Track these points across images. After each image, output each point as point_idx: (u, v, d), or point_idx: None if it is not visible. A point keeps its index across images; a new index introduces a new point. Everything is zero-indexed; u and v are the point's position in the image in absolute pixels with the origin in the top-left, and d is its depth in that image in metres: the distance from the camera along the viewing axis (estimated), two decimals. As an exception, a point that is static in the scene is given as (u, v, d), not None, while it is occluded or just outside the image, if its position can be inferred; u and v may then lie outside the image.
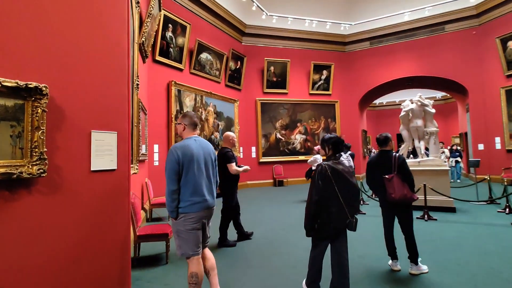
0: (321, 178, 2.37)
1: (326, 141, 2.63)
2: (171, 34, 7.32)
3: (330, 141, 2.59)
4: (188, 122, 2.43)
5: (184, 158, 2.23)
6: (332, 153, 2.56)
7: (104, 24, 2.03)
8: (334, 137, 2.61)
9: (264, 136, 10.89)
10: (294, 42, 11.27)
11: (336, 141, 2.58)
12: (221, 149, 4.25)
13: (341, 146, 2.59)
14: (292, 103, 11.23)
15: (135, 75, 4.06)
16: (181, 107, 7.76)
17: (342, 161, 2.54)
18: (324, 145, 2.64)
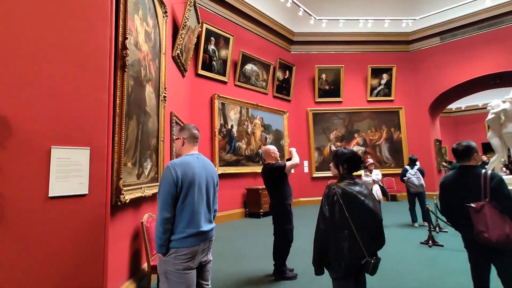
0: (329, 203, 1.90)
1: (338, 157, 2.11)
2: (213, 47, 7.18)
3: (344, 158, 2.09)
4: (187, 135, 1.94)
5: (184, 179, 1.73)
6: (347, 172, 2.08)
7: (75, 19, 1.68)
8: (348, 152, 2.11)
9: (317, 149, 10.01)
10: (348, 46, 10.31)
11: (351, 157, 2.09)
12: (265, 165, 3.70)
13: (358, 164, 2.11)
14: (347, 112, 10.17)
15: (162, 87, 3.82)
16: (225, 121, 7.49)
17: (360, 182, 2.06)
18: (336, 162, 2.11)
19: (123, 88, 2.45)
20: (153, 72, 3.50)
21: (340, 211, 1.86)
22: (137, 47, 2.94)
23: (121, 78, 2.44)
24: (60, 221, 1.50)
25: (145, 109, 3.21)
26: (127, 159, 2.65)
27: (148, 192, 3.11)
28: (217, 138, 7.14)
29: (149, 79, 3.37)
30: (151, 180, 3.38)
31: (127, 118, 2.66)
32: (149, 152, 3.33)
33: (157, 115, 3.67)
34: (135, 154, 2.87)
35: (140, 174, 3.01)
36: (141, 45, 3.08)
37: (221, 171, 7.12)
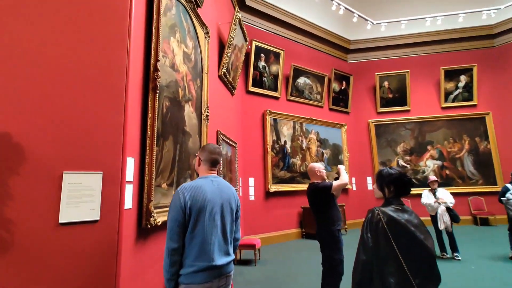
0: (372, 230, 1.63)
1: (384, 178, 1.80)
2: (263, 63, 7.16)
3: (390, 179, 1.77)
4: (204, 157, 1.78)
5: (193, 205, 1.56)
6: (393, 195, 1.77)
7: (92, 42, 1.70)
8: (395, 173, 1.78)
9: (382, 164, 9.03)
10: (413, 49, 9.27)
11: (399, 178, 1.76)
12: (310, 185, 3.37)
13: (408, 187, 1.78)
14: (417, 122, 9.00)
15: (204, 106, 3.83)
16: (278, 137, 7.29)
17: (409, 209, 1.75)
18: (381, 184, 1.81)
19: (155, 110, 2.45)
20: (193, 92, 3.53)
21: (386, 241, 1.59)
22: (174, 68, 2.98)
23: (152, 100, 2.46)
24: (70, 249, 1.46)
25: (184, 129, 3.21)
26: (161, 180, 2.62)
27: (187, 213, 3.04)
28: (269, 154, 6.96)
29: (189, 99, 3.39)
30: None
31: (162, 139, 2.66)
32: (189, 172, 3.30)
33: (199, 134, 3.66)
34: (172, 175, 2.85)
35: (178, 195, 2.96)
36: (179, 66, 3.12)
37: (274, 188, 6.87)
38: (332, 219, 3.03)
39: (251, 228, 6.35)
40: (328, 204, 3.07)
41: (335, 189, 3.03)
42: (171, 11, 2.98)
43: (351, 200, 8.61)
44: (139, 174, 2.31)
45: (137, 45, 2.39)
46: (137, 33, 2.40)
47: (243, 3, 6.93)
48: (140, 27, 2.46)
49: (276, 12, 7.56)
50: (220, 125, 4.86)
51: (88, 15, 1.71)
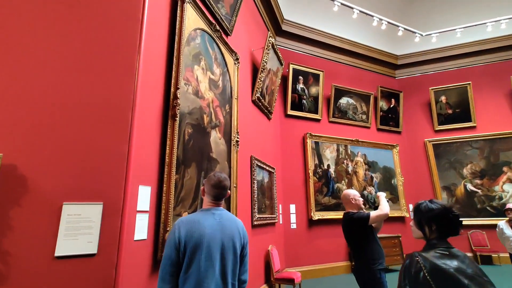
0: (411, 281, 1.31)
1: (423, 214, 1.45)
2: (302, 85, 7.02)
3: (430, 215, 1.42)
4: (208, 187, 1.64)
5: (188, 241, 1.41)
6: (437, 236, 1.41)
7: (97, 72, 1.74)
8: (438, 208, 1.41)
9: (445, 189, 7.92)
10: (473, 58, 8.27)
11: (442, 214, 1.40)
12: (344, 215, 3.02)
13: (456, 225, 1.42)
14: (486, 140, 7.80)
15: (234, 132, 3.77)
16: (320, 161, 6.91)
17: (460, 253, 1.37)
18: (419, 220, 1.46)
19: (173, 137, 2.44)
20: (221, 117, 3.51)
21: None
22: (198, 95, 2.99)
23: (172, 127, 2.45)
24: (65, 284, 1.40)
25: (210, 155, 3.16)
26: (181, 208, 2.55)
27: (212, 244, 2.89)
28: (311, 179, 6.59)
29: (216, 125, 3.37)
30: (219, 229, 3.17)
31: (183, 166, 2.62)
32: (216, 199, 3.19)
33: (228, 160, 3.58)
34: (195, 203, 2.76)
35: (202, 224, 2.85)
36: (204, 93, 3.13)
37: (318, 216, 6.40)
38: (372, 256, 2.60)
39: (292, 259, 5.92)
40: (367, 238, 2.66)
41: (374, 220, 2.62)
42: (195, 41, 3.05)
43: (409, 230, 7.59)
44: (156, 203, 2.27)
45: (158, 75, 2.45)
46: (158, 63, 2.47)
47: (278, 28, 7.01)
48: (161, 58, 2.54)
49: (313, 34, 7.47)
50: (255, 150, 4.75)
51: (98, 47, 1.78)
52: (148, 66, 2.31)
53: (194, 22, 3.02)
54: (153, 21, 2.44)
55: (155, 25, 2.46)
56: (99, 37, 1.82)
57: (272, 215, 5.24)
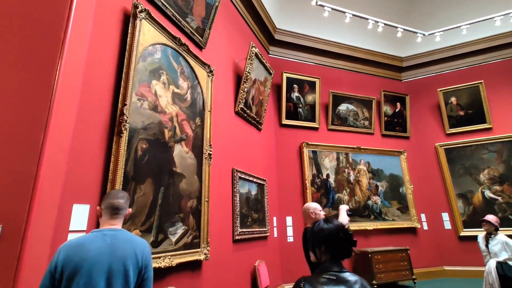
0: None
1: (315, 236, 1.36)
2: (297, 94, 6.87)
3: (321, 236, 1.34)
4: (104, 204, 1.57)
5: (65, 267, 1.30)
6: (329, 258, 1.30)
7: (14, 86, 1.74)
8: (329, 228, 1.33)
9: (460, 197, 7.32)
10: (484, 56, 7.74)
11: (332, 235, 1.32)
12: (304, 230, 2.87)
13: (348, 245, 1.33)
14: (504, 142, 7.17)
15: (206, 145, 3.70)
16: (318, 170, 6.66)
17: (352, 279, 1.22)
18: (313, 243, 1.36)
19: (118, 153, 2.41)
20: (188, 131, 3.46)
21: None
22: (156, 110, 2.97)
23: (117, 143, 2.43)
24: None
25: (173, 170, 3.10)
26: (131, 226, 2.49)
27: (174, 262, 2.80)
28: (309, 190, 6.34)
29: (182, 139, 3.32)
30: (185, 246, 3.08)
31: (133, 183, 2.57)
32: (180, 215, 3.12)
33: (198, 174, 3.51)
34: (150, 220, 2.70)
35: (160, 242, 2.77)
36: (165, 107, 3.11)
37: (317, 229, 6.11)
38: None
39: (290, 274, 5.65)
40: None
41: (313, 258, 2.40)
42: (153, 56, 3.06)
43: (422, 242, 7.07)
44: (96, 221, 2.23)
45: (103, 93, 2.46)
46: (104, 82, 2.48)
47: (271, 37, 6.97)
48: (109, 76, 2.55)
49: (308, 41, 7.36)
50: (238, 163, 4.65)
51: (15, 64, 1.80)
52: (90, 85, 2.32)
53: (152, 38, 3.04)
54: (98, 39, 2.47)
55: (100, 42, 2.49)
56: (16, 53, 1.84)
57: (262, 229, 5.06)
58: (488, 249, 3.85)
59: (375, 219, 6.79)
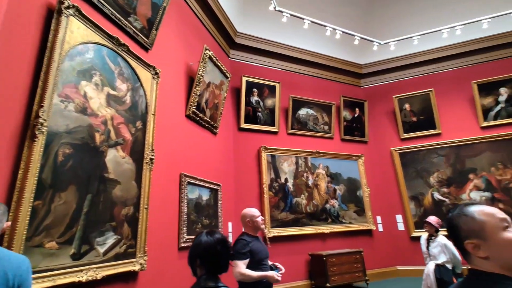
0: None
1: (193, 248, 1.31)
2: (256, 98, 6.87)
3: (198, 250, 1.29)
4: None
5: None
6: (206, 273, 1.26)
7: None
8: (206, 241, 1.28)
9: (413, 199, 7.67)
10: (435, 65, 8.19)
11: (210, 248, 1.25)
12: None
13: (223, 260, 1.26)
14: (451, 147, 7.62)
15: (148, 149, 3.57)
16: (276, 175, 6.68)
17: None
18: (191, 256, 1.32)
19: (30, 160, 2.22)
20: (127, 135, 3.31)
21: None
22: (85, 113, 2.80)
23: (29, 149, 2.25)
24: None
25: (104, 176, 2.94)
26: (45, 238, 2.31)
27: (100, 274, 2.64)
28: (266, 195, 6.34)
29: (118, 143, 3.16)
30: (116, 257, 2.92)
31: (51, 190, 2.39)
32: (112, 224, 2.95)
33: (136, 180, 3.36)
34: (71, 230, 2.52)
35: (84, 253, 2.60)
36: (97, 110, 2.95)
37: (274, 233, 6.12)
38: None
39: (245, 280, 5.58)
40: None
41: (235, 274, 2.39)
42: (84, 55, 2.89)
43: (377, 243, 7.30)
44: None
45: (18, 94, 2.28)
46: (21, 82, 2.31)
47: (232, 41, 6.93)
48: (27, 75, 2.37)
49: (269, 46, 7.40)
50: (188, 167, 4.53)
51: None
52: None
53: (83, 36, 2.87)
54: (13, 36, 2.28)
55: (15, 39, 2.30)
56: None
57: (215, 235, 4.95)
58: (429, 251, 4.00)
59: (333, 222, 6.92)
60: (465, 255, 1.01)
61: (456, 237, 1.02)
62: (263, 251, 2.65)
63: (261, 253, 2.60)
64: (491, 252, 0.93)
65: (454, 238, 1.04)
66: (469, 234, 0.97)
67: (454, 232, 1.03)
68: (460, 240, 1.00)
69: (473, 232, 0.96)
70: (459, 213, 1.03)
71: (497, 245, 0.92)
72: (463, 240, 0.99)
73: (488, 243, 0.94)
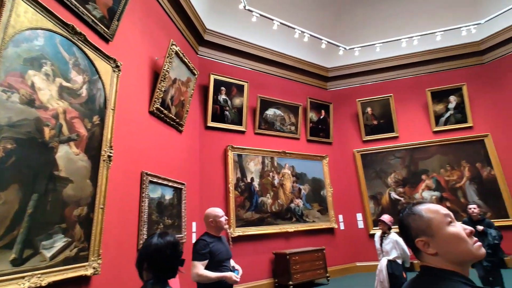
0: None
1: (140, 251, 1.27)
2: (224, 96, 6.80)
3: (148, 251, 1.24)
4: None
5: None
6: (153, 277, 1.20)
7: None
8: (156, 243, 1.21)
9: (372, 198, 8.08)
10: (395, 72, 8.71)
11: (158, 252, 1.18)
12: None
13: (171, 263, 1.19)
14: (407, 149, 8.14)
15: (106, 146, 3.37)
16: (243, 174, 6.67)
17: None
18: (136, 260, 1.28)
19: (-37, 154, 1.99)
20: (81, 130, 3.09)
21: None
22: (32, 105, 2.57)
23: (-39, 143, 2.01)
24: None
25: (54, 174, 2.72)
26: (-21, 242, 2.07)
27: (45, 281, 2.43)
28: (232, 194, 6.30)
29: (71, 139, 2.94)
30: (65, 261, 2.71)
31: (-12, 190, 2.16)
32: (62, 225, 2.74)
33: (91, 178, 3.15)
34: (12, 233, 2.29)
35: (27, 258, 2.38)
36: (47, 102, 2.71)
37: (239, 232, 6.10)
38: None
39: None
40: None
41: (192, 276, 2.36)
42: (32, 42, 2.64)
43: (338, 241, 7.59)
44: None
45: None
46: None
47: (201, 38, 6.79)
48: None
49: (238, 45, 7.37)
50: (151, 165, 4.36)
51: None
52: None
53: (31, 21, 2.63)
54: None
55: None
56: None
57: (177, 235, 4.82)
58: (382, 247, 4.22)
59: (297, 221, 7.06)
60: (417, 253, 1.04)
61: (408, 236, 1.04)
62: (224, 252, 2.61)
63: (221, 254, 2.55)
64: (439, 248, 0.96)
65: (406, 237, 1.06)
66: (418, 232, 1.00)
67: (405, 231, 1.05)
68: (411, 239, 1.02)
69: (422, 230, 1.00)
70: (408, 213, 1.06)
71: (443, 241, 0.96)
72: (414, 238, 1.02)
73: (436, 239, 0.97)
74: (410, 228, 1.03)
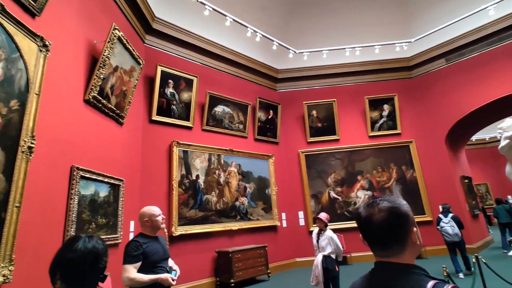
0: None
1: (54, 257, 1.11)
2: (172, 90, 6.51)
3: (62, 259, 1.07)
4: None
5: None
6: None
7: None
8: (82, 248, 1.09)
9: (313, 197, 8.51)
10: (339, 79, 9.31)
11: (79, 260, 1.05)
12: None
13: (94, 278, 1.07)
14: (346, 151, 8.76)
15: (26, 136, 2.96)
16: (188, 171, 6.47)
17: None
18: (49, 267, 1.09)
19: None
20: (-5, 116, 2.66)
21: None
22: None
23: None
24: None
25: (-47, 166, 2.28)
26: None
27: None
28: (175, 191, 6.07)
29: (-22, 126, 2.50)
30: (-34, 268, 2.30)
31: None
32: (-37, 227, 2.32)
33: (4, 172, 2.73)
34: None
35: None
36: None
37: (180, 231, 5.90)
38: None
39: None
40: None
41: (123, 280, 2.23)
42: None
43: (280, 238, 7.84)
44: None
45: None
46: None
47: (149, 26, 6.39)
48: None
49: (189, 37, 7.12)
50: (84, 159, 3.95)
51: None
52: None
53: None
54: None
55: None
56: None
57: (112, 235, 4.47)
58: (318, 244, 4.45)
59: (241, 219, 7.10)
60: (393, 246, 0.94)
61: (405, 225, 0.95)
62: (160, 252, 2.47)
63: (157, 254, 2.41)
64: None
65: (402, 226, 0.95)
66: (411, 223, 0.96)
67: (403, 219, 0.95)
68: (407, 228, 0.95)
69: (413, 221, 0.97)
70: (401, 203, 0.99)
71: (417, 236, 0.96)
72: (410, 226, 0.95)
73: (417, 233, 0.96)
74: (408, 217, 0.96)
